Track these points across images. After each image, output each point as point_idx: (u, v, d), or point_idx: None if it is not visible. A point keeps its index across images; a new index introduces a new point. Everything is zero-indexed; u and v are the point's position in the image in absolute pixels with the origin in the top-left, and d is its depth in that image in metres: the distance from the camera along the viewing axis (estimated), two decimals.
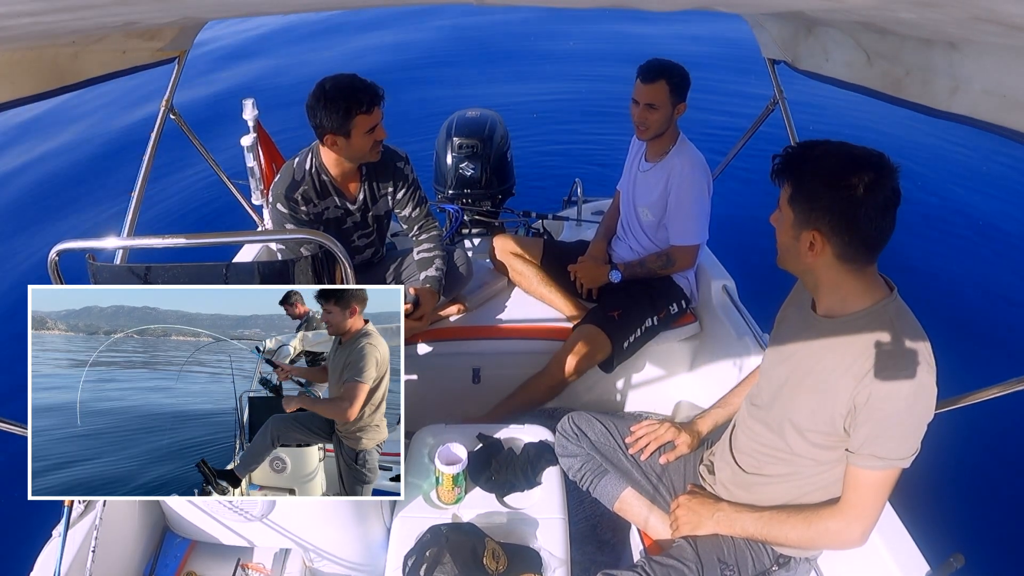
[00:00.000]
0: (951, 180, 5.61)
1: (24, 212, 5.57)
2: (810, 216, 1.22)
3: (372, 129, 2.07)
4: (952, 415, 1.49)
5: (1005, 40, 1.02)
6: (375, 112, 2.06)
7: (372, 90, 2.05)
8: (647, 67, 2.27)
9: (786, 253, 1.31)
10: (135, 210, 2.03)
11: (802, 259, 1.27)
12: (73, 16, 0.93)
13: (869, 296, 1.26)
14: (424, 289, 2.30)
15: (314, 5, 1.38)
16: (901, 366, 1.19)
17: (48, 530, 1.52)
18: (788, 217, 1.26)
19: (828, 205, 1.19)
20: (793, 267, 1.33)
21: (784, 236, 1.29)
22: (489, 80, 8.15)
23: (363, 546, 1.75)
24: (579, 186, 3.34)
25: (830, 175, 1.19)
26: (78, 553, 1.49)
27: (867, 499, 1.27)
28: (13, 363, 1.48)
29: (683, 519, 1.52)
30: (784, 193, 1.26)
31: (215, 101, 6.87)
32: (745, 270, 2.60)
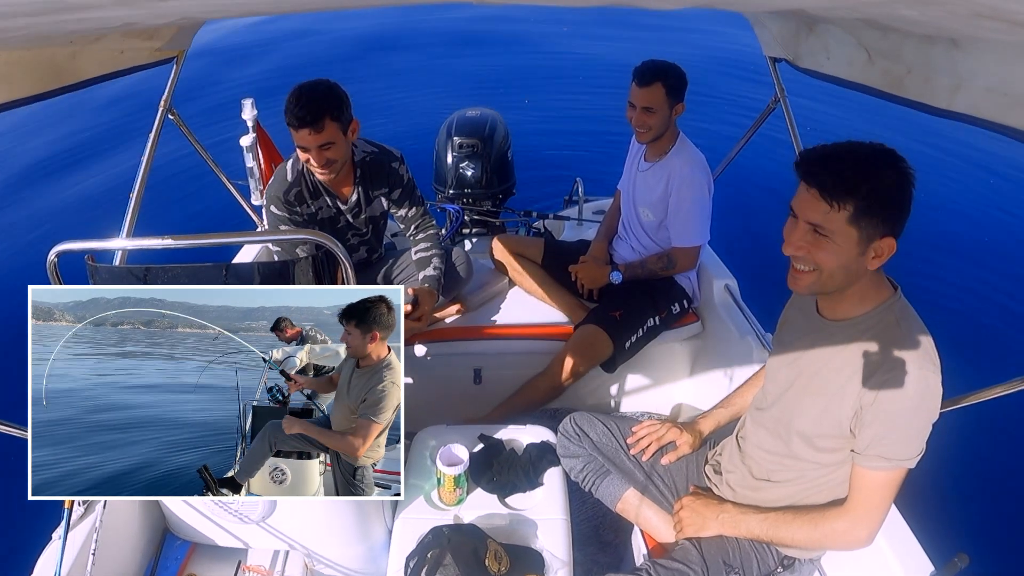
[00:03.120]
0: (953, 179, 5.60)
1: (23, 212, 5.57)
2: (882, 224, 1.16)
3: (303, 149, 2.00)
4: (956, 414, 1.48)
5: (1007, 37, 1.01)
6: (300, 132, 1.94)
7: (308, 107, 1.91)
8: (642, 69, 2.25)
9: (840, 273, 1.21)
10: (134, 211, 2.02)
11: (859, 272, 1.21)
12: (71, 17, 0.92)
13: (875, 297, 1.26)
14: (422, 289, 2.29)
15: (313, 5, 1.37)
16: (907, 366, 1.18)
17: (48, 532, 1.52)
18: (850, 237, 1.16)
19: (897, 207, 1.15)
20: (839, 286, 1.24)
21: (841, 258, 1.18)
22: (489, 80, 8.14)
23: (364, 547, 1.75)
24: (580, 185, 3.33)
25: (886, 179, 1.14)
26: (78, 556, 1.48)
27: (873, 500, 1.26)
28: (13, 363, 1.47)
29: (687, 520, 1.51)
30: (838, 215, 1.15)
31: (214, 101, 6.86)
32: (747, 269, 2.60)
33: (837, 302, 1.30)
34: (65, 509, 1.48)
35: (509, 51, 9.36)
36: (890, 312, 1.24)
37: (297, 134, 1.96)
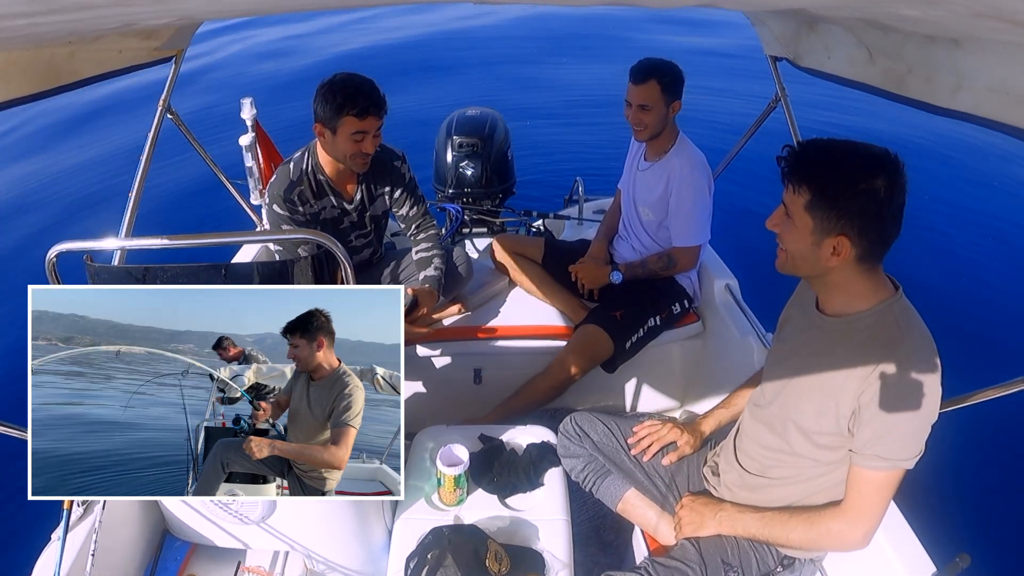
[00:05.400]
0: (954, 178, 5.60)
1: (21, 213, 5.56)
2: (837, 222, 1.17)
3: (359, 137, 2.03)
4: (958, 414, 1.48)
5: (1009, 37, 1.01)
6: (367, 120, 2.01)
7: (372, 98, 2.00)
8: (637, 68, 2.25)
9: (800, 260, 1.25)
10: (133, 210, 2.02)
11: (821, 264, 1.23)
12: (70, 17, 0.92)
13: (875, 296, 1.25)
14: (422, 289, 2.28)
15: (312, 5, 1.37)
16: (906, 366, 1.18)
17: (47, 534, 1.51)
18: (806, 224, 1.20)
19: (857, 210, 1.16)
20: (806, 272, 1.29)
21: (799, 243, 1.23)
22: (488, 79, 8.14)
23: (364, 548, 1.75)
24: (580, 185, 3.32)
25: (856, 179, 1.15)
26: (77, 557, 1.48)
27: (870, 500, 1.26)
28: (13, 364, 1.47)
29: (686, 520, 1.51)
30: (798, 199, 1.20)
31: (213, 100, 6.86)
32: (748, 269, 2.59)
33: (831, 296, 1.30)
34: (64, 510, 1.48)
35: (510, 51, 9.36)
36: (889, 311, 1.24)
37: (362, 122, 2.01)
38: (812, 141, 1.23)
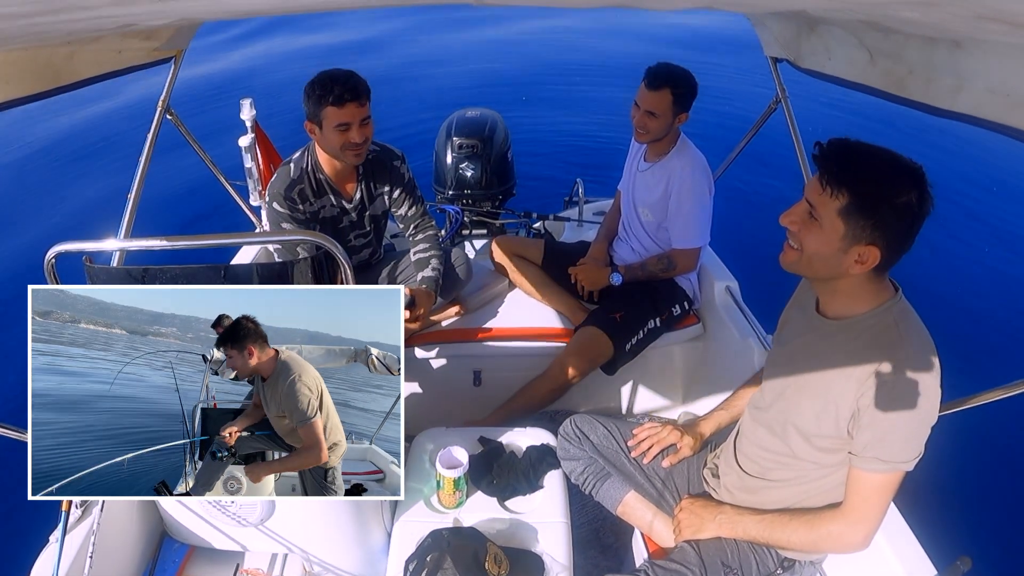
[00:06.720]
0: (956, 180, 5.60)
1: (20, 213, 5.56)
2: (872, 232, 1.14)
3: (344, 127, 2.01)
4: (959, 417, 1.47)
5: (1010, 38, 1.01)
6: (346, 107, 1.98)
7: (347, 85, 1.98)
8: (654, 72, 2.21)
9: (819, 263, 1.22)
10: (132, 211, 2.01)
11: (840, 270, 1.20)
12: (68, 17, 0.92)
13: (875, 297, 1.25)
14: (420, 290, 2.28)
15: (312, 6, 1.37)
16: (905, 368, 1.17)
17: (45, 535, 1.51)
18: (836, 229, 1.16)
19: (893, 222, 1.14)
20: (820, 275, 1.26)
21: (824, 247, 1.19)
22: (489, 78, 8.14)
23: (363, 551, 1.74)
24: (580, 186, 3.32)
25: (896, 191, 1.12)
26: (76, 558, 1.47)
27: (870, 502, 1.25)
28: (13, 364, 1.47)
29: (685, 522, 1.51)
30: (832, 202, 1.16)
31: (212, 101, 6.85)
32: (748, 271, 2.58)
33: (834, 299, 1.29)
34: (62, 512, 1.47)
35: (509, 51, 9.36)
36: (889, 313, 1.24)
37: (341, 110, 1.99)
38: (854, 144, 1.18)
